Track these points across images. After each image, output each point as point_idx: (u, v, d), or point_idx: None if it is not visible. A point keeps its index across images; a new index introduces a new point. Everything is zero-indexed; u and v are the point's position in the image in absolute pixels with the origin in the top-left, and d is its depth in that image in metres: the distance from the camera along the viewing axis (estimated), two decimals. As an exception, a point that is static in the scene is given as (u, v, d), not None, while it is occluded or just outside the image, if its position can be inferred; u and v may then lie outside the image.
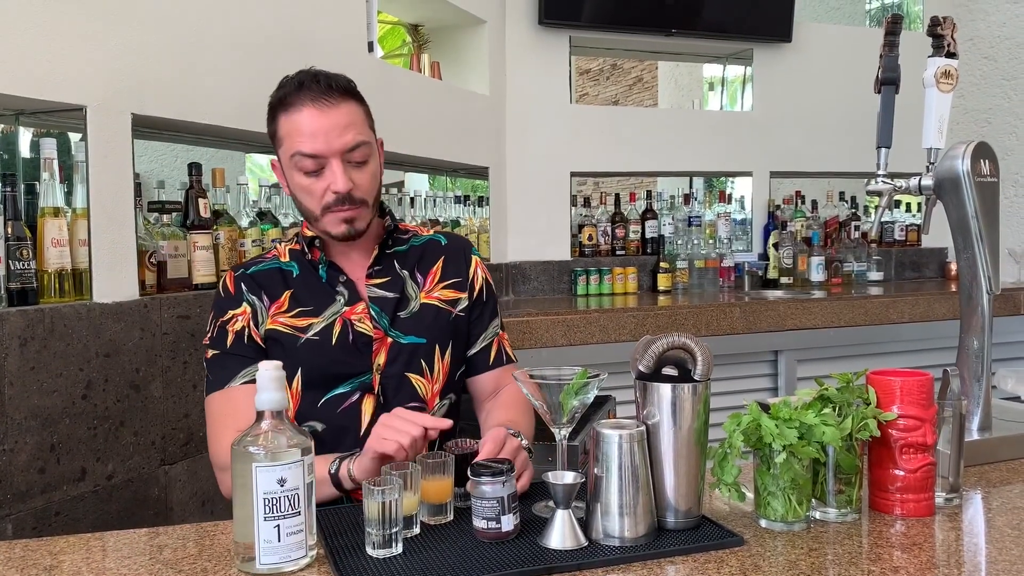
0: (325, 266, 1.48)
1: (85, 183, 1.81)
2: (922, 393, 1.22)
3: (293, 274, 1.49)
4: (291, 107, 1.38)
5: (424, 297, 1.51)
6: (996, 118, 4.41)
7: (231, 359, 1.43)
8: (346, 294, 1.47)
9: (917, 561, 1.07)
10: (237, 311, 1.45)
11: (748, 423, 1.17)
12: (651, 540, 1.12)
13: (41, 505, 1.66)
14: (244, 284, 1.47)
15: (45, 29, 1.71)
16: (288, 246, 1.53)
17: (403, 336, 1.47)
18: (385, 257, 1.51)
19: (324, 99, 1.37)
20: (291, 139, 1.38)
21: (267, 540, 1.03)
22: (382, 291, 1.48)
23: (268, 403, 1.06)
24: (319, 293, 1.47)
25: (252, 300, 1.46)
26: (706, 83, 6.83)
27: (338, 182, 1.37)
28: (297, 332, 1.44)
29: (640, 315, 3.21)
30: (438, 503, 1.21)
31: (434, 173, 4.00)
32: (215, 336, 1.46)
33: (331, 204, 1.40)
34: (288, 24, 2.43)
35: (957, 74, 1.64)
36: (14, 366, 1.61)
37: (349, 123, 1.39)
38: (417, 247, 1.56)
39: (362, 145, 1.40)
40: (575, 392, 1.14)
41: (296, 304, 1.46)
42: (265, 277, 1.48)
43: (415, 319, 1.49)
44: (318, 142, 1.36)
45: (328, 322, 1.44)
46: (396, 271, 1.51)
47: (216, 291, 1.51)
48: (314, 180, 1.39)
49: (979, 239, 1.54)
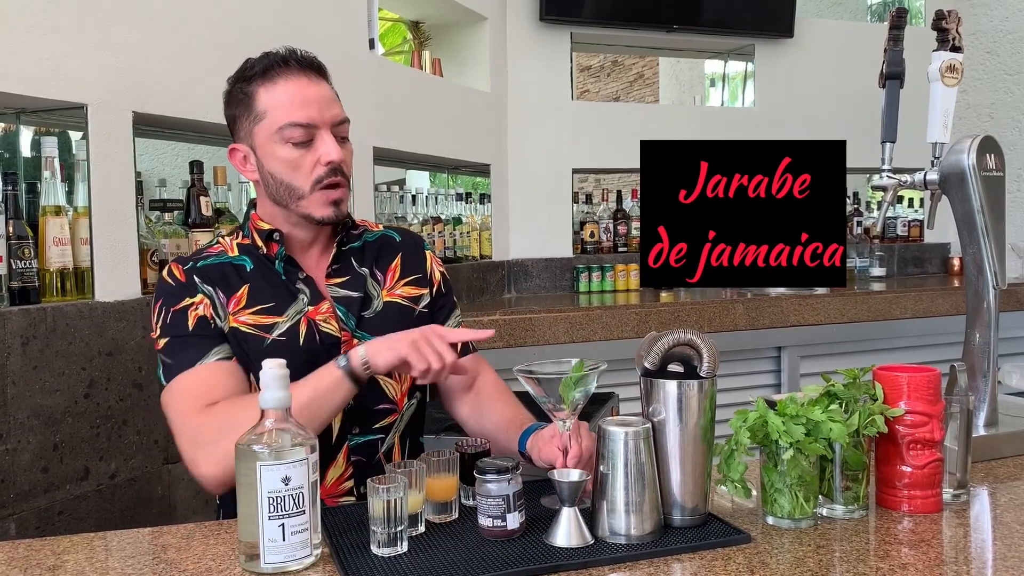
0: (283, 261, 1.40)
1: (86, 182, 1.80)
2: (929, 389, 1.22)
3: (247, 268, 1.39)
4: (278, 77, 1.34)
5: (387, 295, 1.46)
6: (999, 113, 4.40)
7: (195, 341, 1.31)
8: (308, 292, 1.39)
9: (925, 558, 1.06)
10: (194, 299, 1.34)
11: (755, 420, 1.17)
12: (657, 538, 1.11)
13: (44, 504, 1.66)
14: (196, 276, 1.36)
15: (46, 28, 1.70)
16: (235, 240, 1.43)
17: (369, 337, 1.37)
18: (342, 255, 1.45)
19: (311, 72, 1.37)
20: (280, 110, 1.33)
21: (272, 539, 1.02)
22: (345, 291, 1.42)
23: (272, 402, 1.05)
24: (279, 290, 1.38)
25: (209, 291, 1.35)
26: (707, 79, 6.82)
27: (332, 152, 1.33)
28: (262, 332, 1.34)
29: (642, 312, 3.20)
30: (443, 501, 1.21)
31: (435, 170, 3.99)
32: (169, 322, 1.33)
33: (323, 176, 1.34)
34: (289, 21, 2.42)
35: (962, 68, 1.64)
36: (16, 365, 1.60)
37: (334, 98, 1.39)
38: (371, 243, 1.50)
39: (347, 122, 1.39)
40: (574, 384, 1.14)
41: (255, 300, 1.36)
42: (216, 271, 1.37)
43: (381, 319, 1.42)
44: (312, 110, 1.33)
45: (293, 322, 1.36)
46: (355, 269, 1.45)
47: (160, 282, 1.38)
48: (303, 152, 1.34)
49: (985, 234, 1.54)
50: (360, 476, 1.39)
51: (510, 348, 2.93)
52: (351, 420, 1.39)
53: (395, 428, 1.44)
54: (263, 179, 1.38)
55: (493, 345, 2.93)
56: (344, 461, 1.39)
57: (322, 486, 1.37)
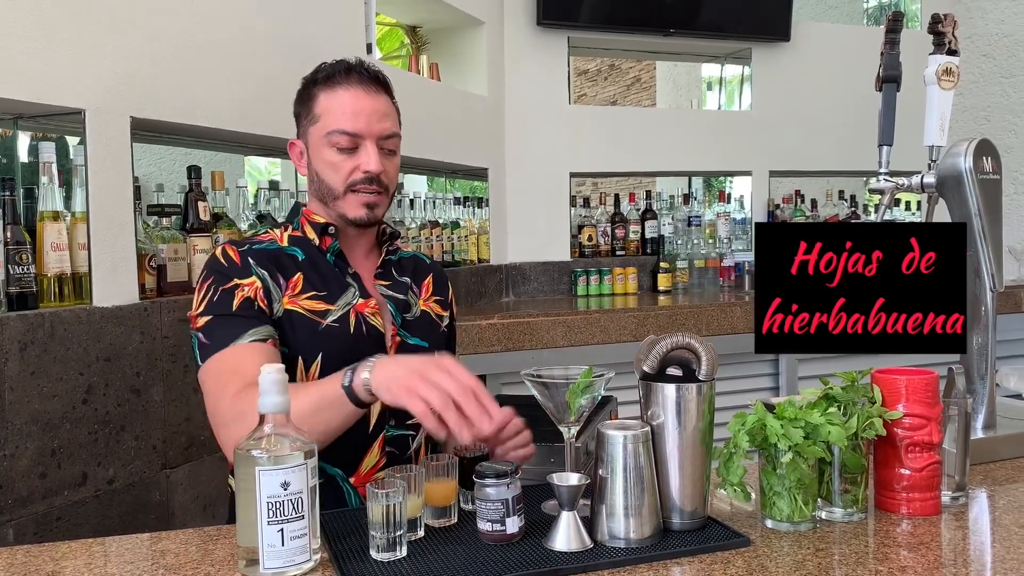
0: (334, 255, 1.47)
1: (84, 187, 1.80)
2: (927, 391, 1.22)
3: (299, 258, 1.45)
4: (338, 86, 1.43)
5: (423, 304, 1.56)
6: (995, 116, 4.41)
7: (235, 320, 1.33)
8: (356, 286, 1.46)
9: (924, 560, 1.06)
10: (245, 281, 1.37)
11: (753, 423, 1.17)
12: (657, 541, 1.11)
13: (42, 510, 1.65)
14: (252, 259, 1.40)
15: (43, 33, 1.70)
16: (286, 232, 1.49)
17: (410, 337, 1.49)
18: (387, 262, 1.55)
19: (370, 85, 1.44)
20: (331, 115, 1.42)
21: (271, 544, 1.02)
22: (391, 292, 1.51)
23: (271, 406, 1.05)
24: (331, 280, 1.45)
25: (263, 274, 1.39)
26: (704, 83, 6.83)
27: (371, 162, 1.42)
28: (316, 318, 1.40)
29: (640, 315, 3.20)
30: (442, 506, 1.21)
31: (433, 174, 3.99)
32: (215, 301, 1.35)
33: (358, 183, 1.42)
34: (286, 26, 2.43)
35: (958, 71, 1.64)
36: (14, 371, 1.60)
37: (388, 113, 1.46)
38: (406, 259, 1.61)
39: (395, 136, 1.47)
40: (581, 391, 1.14)
41: (310, 287, 1.42)
42: (270, 256, 1.43)
43: (418, 323, 1.53)
44: (360, 122, 1.41)
45: (344, 311, 1.43)
46: (396, 277, 1.55)
47: (211, 261, 1.41)
48: (345, 158, 1.42)
49: (982, 236, 1.54)
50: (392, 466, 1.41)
51: (508, 352, 2.93)
52: (389, 413, 1.44)
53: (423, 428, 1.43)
54: (310, 175, 1.48)
55: (491, 348, 2.93)
56: (379, 451, 1.44)
57: (356, 474, 1.42)
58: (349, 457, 1.41)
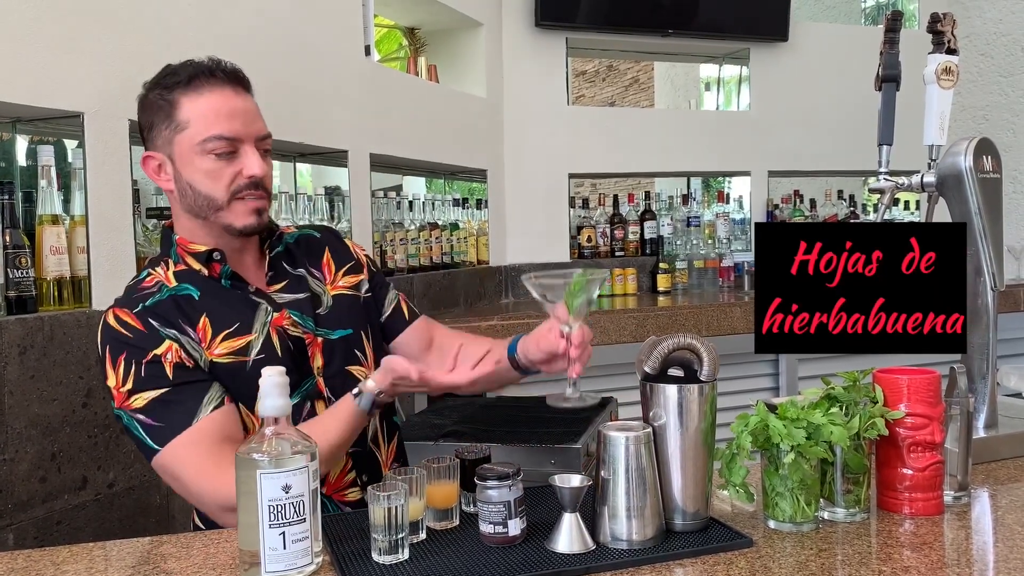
0: (229, 279, 1.36)
1: (83, 190, 1.80)
2: (929, 391, 1.22)
3: (195, 296, 1.33)
4: (203, 89, 1.31)
5: (332, 289, 1.47)
6: (993, 115, 4.41)
7: (183, 391, 1.24)
8: (265, 302, 1.37)
9: (928, 560, 1.06)
10: (160, 349, 1.25)
11: (756, 424, 1.17)
12: (659, 543, 1.11)
13: (42, 514, 1.65)
14: (153, 320, 1.27)
15: (42, 36, 1.70)
16: (169, 270, 1.35)
17: (331, 332, 1.41)
18: (273, 262, 1.44)
19: (236, 84, 1.34)
20: (203, 121, 1.30)
21: (272, 547, 1.02)
22: (290, 294, 1.41)
23: (272, 409, 1.05)
24: (238, 307, 1.34)
25: (173, 334, 1.27)
26: (702, 83, 6.83)
27: (254, 166, 1.31)
28: (240, 357, 1.31)
29: (640, 316, 3.20)
30: (444, 508, 1.20)
31: (432, 176, 3.99)
32: (144, 376, 1.24)
33: (242, 189, 1.32)
34: (284, 28, 2.42)
35: (958, 70, 1.64)
36: (14, 375, 1.60)
37: (258, 112, 1.37)
38: (293, 244, 1.49)
39: (269, 137, 1.38)
40: (579, 290, 1.19)
41: (220, 326, 1.31)
42: (170, 307, 1.30)
43: (335, 312, 1.44)
44: (236, 124, 1.31)
45: (264, 335, 1.34)
46: (290, 272, 1.44)
47: (110, 333, 1.27)
48: (224, 164, 1.31)
49: (983, 235, 1.54)
50: (360, 465, 1.42)
51: (508, 353, 2.92)
52: None
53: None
54: (179, 189, 1.34)
55: (491, 350, 2.92)
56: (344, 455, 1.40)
57: (328, 484, 1.39)
58: None
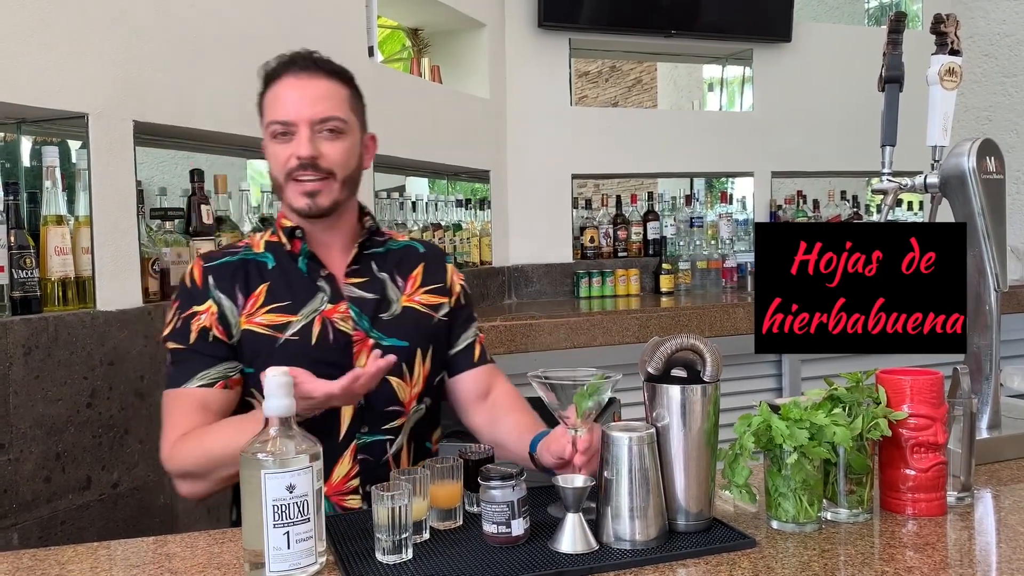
0: (306, 258, 1.43)
1: (87, 191, 1.80)
2: (932, 392, 1.22)
3: (268, 266, 1.43)
4: (273, 79, 1.41)
5: (406, 300, 1.49)
6: (997, 115, 4.41)
7: (192, 356, 1.38)
8: (328, 290, 1.42)
9: (931, 561, 1.06)
10: (202, 308, 1.39)
11: (759, 424, 1.17)
12: (662, 543, 1.11)
13: (47, 514, 1.65)
14: (212, 277, 1.40)
15: (46, 37, 1.70)
16: (264, 237, 1.48)
17: (385, 338, 1.43)
18: (363, 257, 1.48)
19: (304, 72, 1.40)
20: (269, 108, 1.41)
21: (276, 547, 1.02)
22: (361, 291, 1.45)
23: (276, 409, 1.05)
24: (298, 287, 1.42)
25: (219, 297, 1.39)
26: (706, 84, 6.83)
27: (302, 147, 1.37)
28: (275, 332, 1.38)
29: (643, 317, 3.20)
30: (447, 508, 1.21)
31: (435, 177, 4.00)
32: (178, 328, 1.39)
33: (294, 169, 1.38)
34: (288, 29, 2.43)
35: (961, 71, 1.64)
36: (18, 375, 1.60)
37: (324, 96, 1.40)
38: (395, 251, 1.53)
39: (335, 119, 1.40)
40: (589, 394, 1.14)
41: (272, 299, 1.40)
42: (237, 269, 1.42)
43: (397, 322, 1.46)
44: (289, 109, 1.38)
45: (307, 320, 1.39)
46: (374, 273, 1.48)
47: (182, 279, 1.43)
48: (283, 147, 1.39)
49: (986, 236, 1.54)
50: (366, 475, 1.40)
51: (511, 354, 2.93)
52: (360, 419, 1.41)
53: (404, 431, 1.45)
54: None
55: (494, 351, 2.92)
56: (351, 459, 1.40)
57: (328, 483, 1.39)
58: None
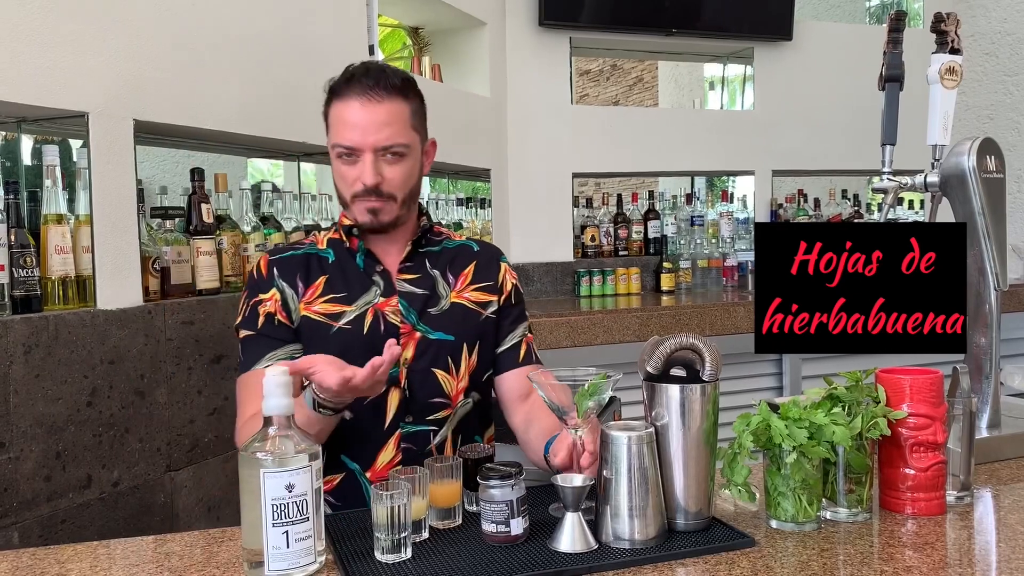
0: (363, 254, 1.52)
1: (88, 190, 1.80)
2: (932, 391, 1.22)
3: (329, 260, 1.53)
4: (339, 97, 1.45)
5: (455, 297, 1.54)
6: (998, 114, 4.40)
7: (260, 340, 1.48)
8: (382, 285, 1.50)
9: (930, 560, 1.06)
10: (267, 295, 1.49)
11: (758, 423, 1.17)
12: (661, 542, 1.11)
13: (47, 513, 1.66)
14: (276, 269, 1.50)
15: (46, 36, 1.70)
16: (327, 235, 1.57)
17: (432, 331, 1.49)
18: (417, 255, 1.55)
19: (370, 94, 1.42)
20: (334, 128, 1.46)
21: (276, 546, 1.02)
22: (411, 287, 1.51)
23: (275, 408, 1.05)
24: (354, 281, 1.50)
25: (282, 286, 1.49)
26: (706, 82, 6.83)
27: (367, 175, 1.43)
28: (329, 320, 1.47)
29: (644, 315, 3.20)
30: (446, 507, 1.21)
31: (435, 176, 3.99)
32: (247, 316, 1.50)
33: (358, 193, 1.45)
34: (289, 28, 2.43)
35: (961, 70, 1.64)
36: (19, 374, 1.60)
37: (389, 121, 1.43)
38: (450, 249, 1.59)
39: (398, 146, 1.45)
40: (589, 394, 1.14)
41: (330, 290, 1.49)
42: (299, 263, 1.52)
43: (445, 316, 1.52)
44: (355, 136, 1.42)
45: (360, 311, 1.47)
46: (427, 269, 1.55)
47: (249, 273, 1.56)
48: (348, 168, 1.45)
49: (986, 235, 1.54)
50: (409, 463, 1.43)
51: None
52: (405, 409, 1.46)
53: (449, 423, 1.49)
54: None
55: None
56: (395, 447, 1.46)
57: (372, 468, 1.45)
58: (365, 452, 1.46)
